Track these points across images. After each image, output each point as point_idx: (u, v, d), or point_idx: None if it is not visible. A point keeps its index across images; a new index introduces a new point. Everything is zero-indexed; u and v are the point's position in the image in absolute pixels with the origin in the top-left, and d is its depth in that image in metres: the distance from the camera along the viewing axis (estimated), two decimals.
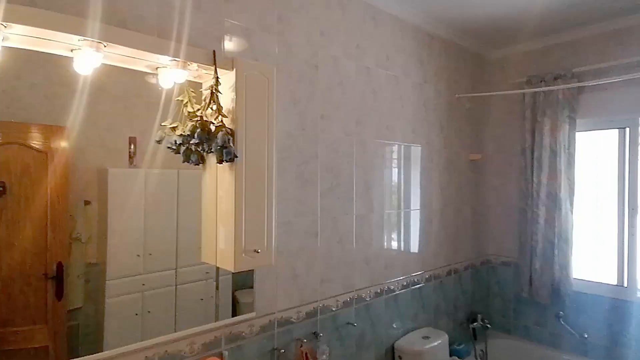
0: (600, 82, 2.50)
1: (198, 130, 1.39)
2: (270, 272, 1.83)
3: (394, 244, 2.52)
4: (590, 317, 2.83)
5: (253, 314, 1.73)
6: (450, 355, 2.71)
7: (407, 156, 2.61)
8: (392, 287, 2.47)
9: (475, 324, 3.10)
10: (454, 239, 3.02)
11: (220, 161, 1.43)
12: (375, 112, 2.34)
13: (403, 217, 2.59)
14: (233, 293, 1.79)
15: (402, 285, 2.56)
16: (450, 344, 2.72)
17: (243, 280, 1.80)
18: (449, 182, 2.96)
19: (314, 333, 2.00)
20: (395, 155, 2.53)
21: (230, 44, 1.69)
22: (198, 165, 1.53)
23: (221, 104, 1.46)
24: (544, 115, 2.90)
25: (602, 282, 2.84)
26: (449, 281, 2.97)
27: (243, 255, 1.50)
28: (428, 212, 2.77)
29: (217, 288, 1.69)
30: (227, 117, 1.46)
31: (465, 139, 3.13)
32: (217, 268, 1.66)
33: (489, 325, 3.11)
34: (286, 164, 1.88)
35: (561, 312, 2.93)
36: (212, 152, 1.45)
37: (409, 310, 2.60)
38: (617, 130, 2.81)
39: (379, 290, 2.38)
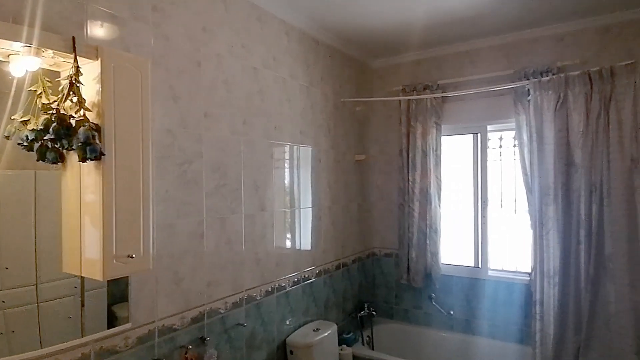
0: (456, 94, 2.92)
1: (54, 124, 1.24)
2: (149, 279, 1.72)
3: (285, 242, 2.58)
4: (455, 296, 3.27)
5: (128, 325, 1.60)
6: (340, 344, 2.87)
7: (296, 156, 2.68)
8: (283, 284, 2.52)
9: (362, 312, 3.34)
10: (342, 235, 3.21)
11: (83, 159, 1.30)
12: (263, 112, 2.36)
13: (294, 216, 2.66)
14: (110, 307, 1.64)
15: (293, 281, 2.62)
16: (339, 334, 2.89)
17: (122, 293, 1.66)
18: (337, 181, 3.14)
19: (201, 338, 1.93)
20: (285, 156, 2.59)
21: (95, 32, 1.54)
22: (56, 164, 1.36)
23: (84, 97, 1.32)
24: (417, 120, 3.26)
25: (463, 265, 3.30)
26: (338, 275, 3.14)
27: (114, 261, 1.38)
28: (318, 210, 2.90)
29: (82, 304, 1.52)
30: (91, 110, 1.33)
31: (351, 140, 3.35)
32: (82, 279, 1.50)
33: (374, 313, 3.38)
34: (166, 163, 1.78)
35: (433, 294, 3.32)
36: (74, 149, 1.31)
37: (301, 305, 2.69)
38: (471, 135, 3.30)
39: (270, 289, 2.41)
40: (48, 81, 1.34)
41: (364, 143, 3.56)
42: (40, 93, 1.32)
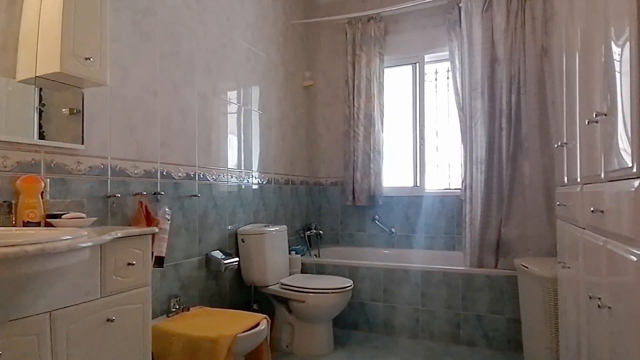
0: (398, 7, 3.18)
1: None
2: (103, 112, 1.69)
3: (237, 135, 2.62)
4: (396, 215, 3.51)
5: (81, 147, 1.57)
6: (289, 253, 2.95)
7: (247, 57, 2.74)
8: (233, 177, 2.56)
9: (310, 232, 3.45)
10: (291, 153, 3.31)
11: None
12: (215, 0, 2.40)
13: (246, 114, 2.72)
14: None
15: (245, 179, 2.67)
16: (288, 246, 2.96)
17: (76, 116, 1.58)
18: (286, 98, 3.24)
19: (155, 194, 1.92)
20: (237, 49, 2.62)
21: None
22: None
23: None
24: (361, 50, 3.49)
25: (404, 185, 3.56)
26: (287, 190, 3.23)
27: (72, 58, 1.37)
28: (267, 118, 2.97)
29: (40, 101, 1.46)
30: None
31: (300, 65, 3.48)
32: (37, 85, 1.45)
33: (321, 232, 3.52)
34: (120, 4, 1.77)
35: (376, 215, 3.54)
36: None
37: (251, 204, 2.74)
38: (410, 65, 3.59)
39: (222, 176, 2.44)
40: None
41: (312, 73, 3.70)
42: None
